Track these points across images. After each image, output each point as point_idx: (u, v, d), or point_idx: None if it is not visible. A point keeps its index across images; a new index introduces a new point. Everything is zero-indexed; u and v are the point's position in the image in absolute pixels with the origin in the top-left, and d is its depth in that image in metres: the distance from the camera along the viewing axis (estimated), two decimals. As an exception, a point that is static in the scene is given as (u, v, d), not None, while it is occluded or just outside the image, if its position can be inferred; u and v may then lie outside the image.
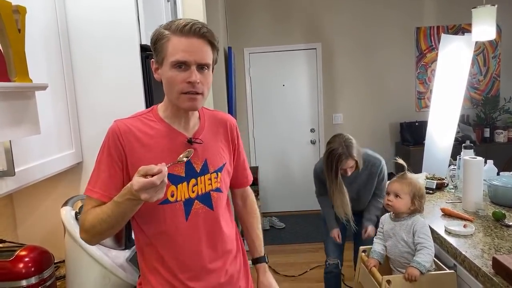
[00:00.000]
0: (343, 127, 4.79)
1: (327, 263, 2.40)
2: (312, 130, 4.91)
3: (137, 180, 0.88)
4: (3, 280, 1.12)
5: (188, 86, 1.02)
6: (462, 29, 4.56)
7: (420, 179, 2.54)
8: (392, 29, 4.68)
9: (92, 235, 1.04)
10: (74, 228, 1.26)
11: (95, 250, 1.25)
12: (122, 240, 1.38)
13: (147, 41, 1.55)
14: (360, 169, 2.18)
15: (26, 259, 1.15)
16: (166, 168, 0.90)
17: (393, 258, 1.71)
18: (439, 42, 3.34)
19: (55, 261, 1.42)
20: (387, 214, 1.81)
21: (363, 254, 1.82)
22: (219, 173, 1.16)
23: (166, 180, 0.90)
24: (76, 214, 1.31)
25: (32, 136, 1.09)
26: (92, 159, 1.57)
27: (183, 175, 1.09)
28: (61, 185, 1.56)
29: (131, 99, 1.54)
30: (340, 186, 2.15)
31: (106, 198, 1.03)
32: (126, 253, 1.35)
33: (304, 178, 4.92)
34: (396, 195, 1.70)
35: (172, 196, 1.08)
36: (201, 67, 1.03)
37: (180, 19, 1.05)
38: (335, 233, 2.34)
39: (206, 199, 1.13)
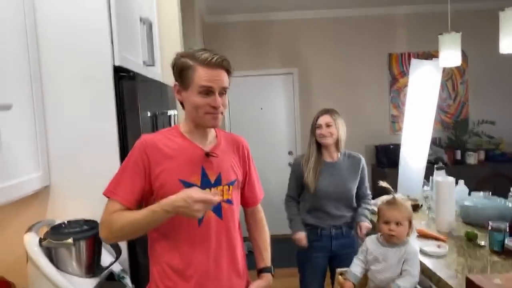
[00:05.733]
0: (320, 150, 4.83)
1: None
2: (290, 153, 4.94)
3: (198, 192, 1.10)
4: (-44, 313, 1.04)
5: (212, 109, 1.19)
6: (431, 55, 4.75)
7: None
8: (366, 55, 4.84)
9: (116, 236, 1.19)
10: (37, 256, 1.20)
11: (59, 278, 1.19)
12: (91, 266, 1.32)
13: (121, 63, 1.54)
14: (341, 156, 2.23)
15: (-17, 289, 1.08)
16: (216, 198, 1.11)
17: (377, 283, 1.65)
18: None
19: (17, 292, 1.34)
20: (373, 236, 1.73)
21: (340, 277, 1.79)
22: (230, 186, 1.29)
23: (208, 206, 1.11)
24: (41, 240, 1.25)
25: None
26: (61, 182, 1.53)
27: (199, 184, 1.21)
28: (27, 210, 1.49)
29: (103, 122, 1.50)
30: (312, 154, 2.19)
31: (127, 202, 1.16)
32: (94, 281, 1.29)
33: (282, 201, 4.88)
34: (397, 223, 1.59)
35: None
36: (222, 92, 1.21)
37: (202, 50, 1.21)
38: (301, 235, 2.17)
39: (217, 209, 1.24)
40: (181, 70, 1.20)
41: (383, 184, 1.71)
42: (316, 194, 2.17)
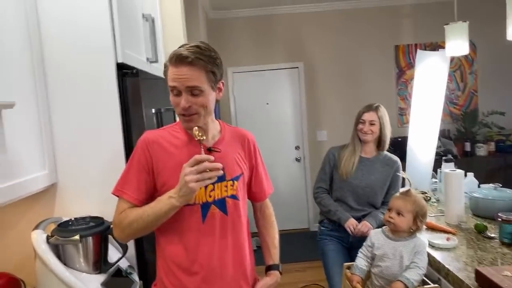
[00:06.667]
0: (327, 143, 4.80)
1: None
2: (297, 148, 4.92)
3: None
4: (-34, 310, 1.06)
5: (181, 110, 1.16)
6: (438, 46, 4.68)
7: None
8: (372, 47, 4.79)
9: (128, 234, 1.18)
10: (45, 253, 1.21)
11: (67, 275, 1.20)
12: (99, 263, 1.33)
13: (123, 60, 1.54)
14: (377, 154, 2.23)
15: (-7, 286, 1.09)
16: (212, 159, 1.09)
17: (386, 278, 1.61)
18: (417, 59, 3.41)
19: (26, 289, 1.36)
20: (378, 230, 1.72)
21: (347, 270, 1.78)
22: (235, 182, 1.26)
23: (209, 176, 1.07)
24: (48, 237, 1.26)
25: (-1, 157, 1.05)
26: (67, 180, 1.54)
27: None
28: (35, 208, 1.50)
29: (107, 119, 1.51)
30: (354, 146, 2.20)
31: (135, 200, 1.17)
32: (101, 277, 1.30)
33: (290, 196, 4.90)
34: (399, 213, 1.59)
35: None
36: (192, 91, 1.13)
37: (182, 45, 1.17)
38: (353, 222, 2.11)
39: (221, 204, 1.23)
40: (164, 68, 1.20)
41: (403, 174, 1.71)
42: (342, 185, 2.19)
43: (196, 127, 1.16)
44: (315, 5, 4.69)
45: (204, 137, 1.16)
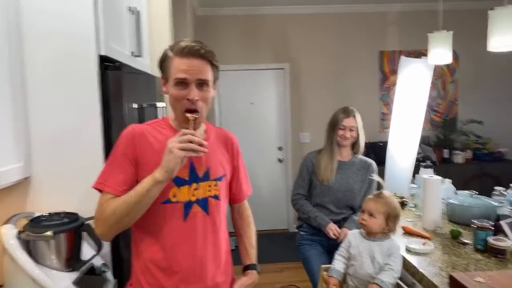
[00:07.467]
0: (310, 146, 4.83)
1: None
2: (280, 149, 4.93)
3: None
4: None
5: (188, 102, 1.13)
6: (422, 54, 4.76)
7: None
8: (357, 52, 4.84)
9: (111, 225, 1.10)
10: (14, 249, 1.16)
11: (36, 272, 1.16)
12: (71, 260, 1.30)
13: (106, 53, 1.51)
14: (352, 157, 2.28)
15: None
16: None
17: (359, 278, 1.64)
18: (400, 65, 3.45)
19: (-7, 285, 1.31)
20: (356, 231, 1.75)
21: (325, 273, 1.79)
22: (218, 182, 1.26)
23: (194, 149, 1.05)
24: (19, 233, 1.21)
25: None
26: (42, 174, 1.49)
27: (187, 178, 1.18)
28: (6, 202, 1.44)
29: (86, 112, 1.47)
30: (333, 151, 2.22)
31: (119, 192, 1.12)
32: (73, 275, 1.26)
33: (271, 197, 4.91)
34: (370, 214, 1.63)
35: (174, 196, 1.17)
36: (201, 84, 1.14)
37: (183, 40, 1.17)
38: (333, 227, 2.14)
39: (203, 204, 1.22)
40: (161, 62, 1.18)
41: (375, 177, 1.74)
42: (322, 190, 2.21)
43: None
44: (303, 7, 4.70)
45: (197, 117, 1.14)
